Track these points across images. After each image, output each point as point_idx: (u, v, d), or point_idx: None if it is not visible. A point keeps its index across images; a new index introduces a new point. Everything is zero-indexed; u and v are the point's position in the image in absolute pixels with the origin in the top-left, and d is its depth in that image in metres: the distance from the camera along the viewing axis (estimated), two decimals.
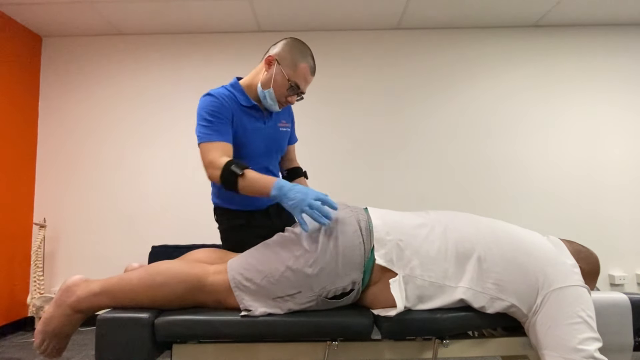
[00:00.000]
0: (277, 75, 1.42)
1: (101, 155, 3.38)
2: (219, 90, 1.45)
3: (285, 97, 1.45)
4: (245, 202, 1.53)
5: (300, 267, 1.12)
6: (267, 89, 1.44)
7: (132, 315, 1.10)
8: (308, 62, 1.43)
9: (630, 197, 3.26)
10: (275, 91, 1.43)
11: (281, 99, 1.45)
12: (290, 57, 1.41)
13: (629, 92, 3.35)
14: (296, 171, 1.72)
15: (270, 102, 1.45)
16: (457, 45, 3.42)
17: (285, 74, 1.41)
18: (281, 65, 1.41)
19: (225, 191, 1.40)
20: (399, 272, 1.12)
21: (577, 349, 1.00)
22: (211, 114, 1.38)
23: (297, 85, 1.43)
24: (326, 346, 1.13)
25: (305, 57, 1.43)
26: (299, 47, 1.43)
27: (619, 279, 3.15)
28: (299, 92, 1.45)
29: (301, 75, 1.42)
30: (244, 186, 1.24)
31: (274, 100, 1.45)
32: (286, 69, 1.41)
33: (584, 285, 1.09)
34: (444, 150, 3.34)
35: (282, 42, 1.45)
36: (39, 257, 3.04)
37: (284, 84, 1.42)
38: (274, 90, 1.43)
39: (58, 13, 3.08)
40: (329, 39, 3.43)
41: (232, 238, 1.56)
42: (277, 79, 1.42)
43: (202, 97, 1.44)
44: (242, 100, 1.46)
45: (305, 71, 1.42)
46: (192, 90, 3.41)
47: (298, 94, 1.46)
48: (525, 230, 1.22)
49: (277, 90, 1.43)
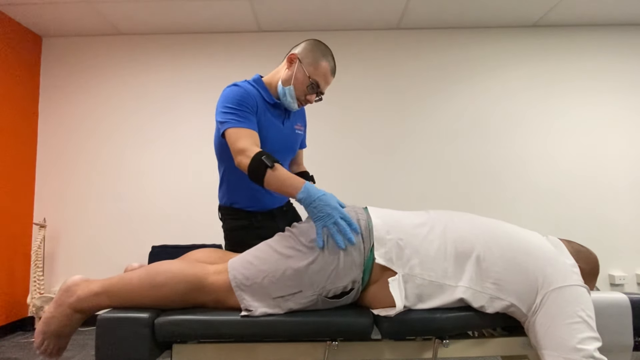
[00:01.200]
0: (298, 73, 1.43)
1: (101, 155, 3.38)
2: (243, 83, 1.46)
3: (305, 96, 1.46)
4: (250, 203, 1.53)
5: (300, 267, 1.13)
6: (287, 86, 1.45)
7: (132, 315, 1.10)
8: (329, 61, 1.45)
9: (630, 197, 3.27)
10: (296, 89, 1.44)
11: (300, 97, 1.46)
12: (312, 55, 1.43)
13: (629, 92, 3.35)
14: (303, 176, 1.71)
15: (289, 99, 1.46)
16: (457, 45, 3.42)
17: (306, 71, 1.42)
18: (302, 64, 1.43)
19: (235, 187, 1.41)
20: (398, 271, 1.12)
21: (577, 348, 1.00)
22: (238, 103, 1.38)
23: (317, 84, 1.44)
24: (326, 346, 1.13)
25: (326, 56, 1.44)
26: (321, 47, 1.45)
27: (619, 279, 3.15)
28: (318, 92, 1.46)
29: (321, 73, 1.44)
30: (270, 180, 1.22)
31: (294, 98, 1.46)
32: (307, 67, 1.42)
33: (583, 285, 1.09)
34: (444, 150, 3.35)
35: (304, 42, 1.47)
36: (39, 257, 3.04)
37: (304, 82, 1.43)
38: (294, 88, 1.44)
39: (58, 13, 3.08)
40: (329, 39, 3.43)
41: (234, 238, 1.56)
42: (298, 77, 1.43)
43: (228, 87, 1.44)
44: (266, 96, 1.48)
45: (325, 70, 1.44)
46: (192, 90, 3.41)
47: (317, 94, 1.47)
48: (525, 230, 1.22)
49: (298, 88, 1.44)
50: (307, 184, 1.20)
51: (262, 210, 1.55)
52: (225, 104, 1.38)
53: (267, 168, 1.21)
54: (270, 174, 1.21)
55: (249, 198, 1.52)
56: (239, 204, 1.53)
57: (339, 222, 1.13)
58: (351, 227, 1.15)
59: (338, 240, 1.12)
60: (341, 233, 1.13)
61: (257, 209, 1.54)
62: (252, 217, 1.53)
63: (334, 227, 1.13)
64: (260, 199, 1.51)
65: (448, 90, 3.39)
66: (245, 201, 1.53)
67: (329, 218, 1.14)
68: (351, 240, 1.13)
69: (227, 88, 1.44)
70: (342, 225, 1.13)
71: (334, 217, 1.14)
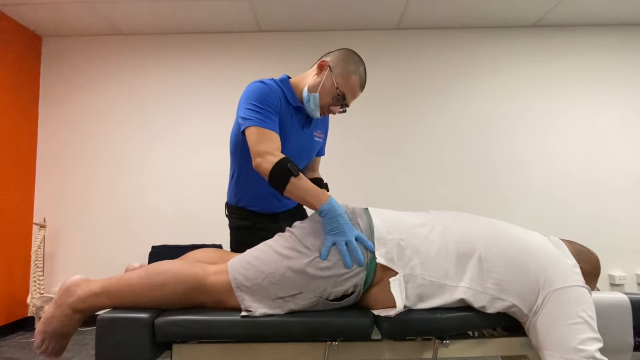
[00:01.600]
0: (326, 82, 1.39)
1: (101, 155, 3.38)
2: (269, 80, 1.41)
3: (329, 106, 1.42)
4: (256, 204, 1.52)
5: (301, 268, 1.12)
6: (313, 93, 1.41)
7: (132, 315, 1.10)
8: (360, 75, 1.40)
9: (631, 197, 3.27)
10: (321, 97, 1.41)
11: (324, 106, 1.43)
12: (344, 66, 1.39)
13: (630, 92, 3.35)
14: (317, 182, 1.68)
15: (312, 106, 1.42)
16: (457, 45, 3.42)
17: (335, 82, 1.38)
18: (333, 73, 1.39)
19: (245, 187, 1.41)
20: (399, 271, 1.12)
21: (578, 349, 1.00)
22: (262, 100, 1.34)
23: (344, 96, 1.40)
24: (326, 346, 1.13)
25: (358, 70, 1.39)
26: (354, 58, 1.40)
27: (619, 279, 3.15)
28: (343, 103, 1.42)
29: (350, 86, 1.39)
30: (293, 189, 1.20)
31: (317, 106, 1.42)
32: (337, 77, 1.38)
33: (584, 285, 1.09)
34: (444, 150, 3.34)
35: (338, 50, 1.43)
36: (39, 257, 3.04)
37: (331, 92, 1.39)
38: (319, 96, 1.41)
39: (58, 13, 3.08)
40: (329, 39, 3.43)
41: (236, 237, 1.57)
42: (325, 85, 1.39)
43: (254, 83, 1.40)
44: (290, 98, 1.44)
45: (355, 83, 1.39)
46: (191, 90, 3.41)
47: (342, 105, 1.43)
48: (526, 231, 1.22)
49: (323, 97, 1.41)
50: (332, 199, 1.19)
51: (267, 212, 1.54)
52: (250, 100, 1.34)
53: (292, 176, 1.19)
54: (294, 183, 1.20)
55: (255, 199, 1.51)
56: (245, 203, 1.53)
57: (352, 242, 1.13)
58: (365, 245, 1.14)
59: (347, 260, 1.12)
60: (351, 253, 1.12)
61: (262, 210, 1.53)
62: (255, 217, 1.53)
63: (344, 246, 1.12)
64: (267, 202, 1.51)
65: (448, 91, 3.39)
66: (251, 201, 1.52)
67: (342, 236, 1.13)
68: (360, 262, 1.12)
69: (252, 84, 1.40)
70: (353, 245, 1.13)
71: (347, 237, 1.13)
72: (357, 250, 1.12)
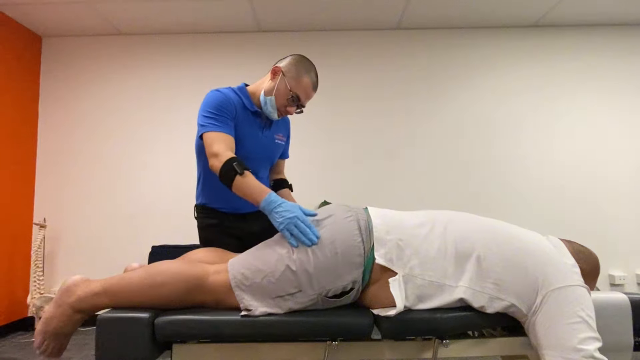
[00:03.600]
0: (280, 85, 1.49)
1: (101, 155, 3.38)
2: (226, 89, 1.52)
3: (285, 107, 1.52)
4: (223, 204, 1.58)
5: (300, 266, 1.13)
6: (269, 96, 1.51)
7: (132, 315, 1.10)
8: (311, 77, 1.50)
9: (631, 197, 3.27)
10: (277, 99, 1.50)
11: (281, 108, 1.52)
12: (295, 70, 1.49)
13: (630, 92, 3.35)
14: (282, 183, 1.77)
15: (270, 109, 1.52)
16: (457, 45, 3.42)
17: (288, 84, 1.48)
18: (285, 77, 1.49)
19: (210, 188, 1.48)
20: (398, 272, 1.12)
21: (577, 348, 1.00)
22: (217, 108, 1.44)
23: (298, 97, 1.50)
24: (326, 346, 1.13)
25: (309, 72, 1.50)
26: (304, 62, 1.51)
27: (619, 279, 3.16)
28: (298, 104, 1.52)
29: (302, 88, 1.49)
30: (238, 186, 1.27)
31: (274, 108, 1.52)
32: (290, 80, 1.48)
33: (583, 285, 1.09)
34: (444, 150, 3.35)
35: (290, 56, 1.53)
36: (39, 257, 3.04)
37: (285, 94, 1.49)
38: (275, 98, 1.50)
39: (58, 13, 3.08)
40: (329, 39, 3.43)
41: (206, 236, 1.60)
42: (279, 88, 1.49)
43: (210, 92, 1.50)
44: (247, 104, 1.54)
45: (307, 85, 1.50)
46: (191, 90, 3.41)
47: (298, 106, 1.53)
48: (525, 230, 1.22)
49: (279, 99, 1.50)
50: (270, 193, 1.24)
51: (234, 212, 1.59)
52: (206, 108, 1.45)
53: (237, 174, 1.27)
54: (239, 180, 1.27)
55: (222, 199, 1.57)
56: (213, 204, 1.59)
57: (299, 225, 1.16)
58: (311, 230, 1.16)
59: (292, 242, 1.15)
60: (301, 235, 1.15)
61: (230, 211, 1.58)
62: (224, 217, 1.58)
63: (287, 232, 1.16)
64: (233, 202, 1.54)
65: (448, 91, 3.39)
66: (218, 202, 1.58)
67: (285, 222, 1.17)
68: (312, 241, 1.14)
69: (209, 93, 1.50)
70: (302, 227, 1.15)
71: (292, 221, 1.16)
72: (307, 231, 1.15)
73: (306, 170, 3.30)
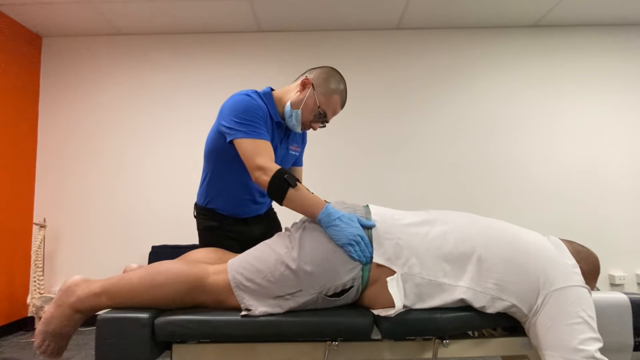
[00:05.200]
0: (309, 99, 1.42)
1: (101, 155, 3.38)
2: (253, 94, 1.43)
3: (310, 122, 1.46)
4: (227, 208, 1.55)
5: (299, 266, 1.13)
6: (295, 110, 1.44)
7: (132, 315, 1.10)
8: (341, 95, 1.44)
9: (631, 197, 3.27)
10: (303, 113, 1.44)
11: (306, 122, 1.46)
12: (326, 85, 1.42)
13: (630, 92, 3.35)
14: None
15: (294, 122, 1.45)
16: (457, 45, 3.42)
17: (318, 100, 1.41)
18: (315, 91, 1.42)
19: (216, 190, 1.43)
20: (397, 271, 1.12)
21: (578, 349, 1.00)
22: (250, 114, 1.35)
23: (325, 114, 1.43)
24: (326, 346, 1.13)
25: (339, 89, 1.43)
26: (336, 77, 1.44)
27: (619, 279, 3.15)
28: (323, 120, 1.46)
29: (332, 105, 1.43)
30: (292, 199, 1.22)
31: (299, 122, 1.45)
32: (319, 96, 1.41)
33: (584, 285, 1.09)
34: (445, 150, 3.34)
35: (320, 69, 1.45)
36: (39, 257, 3.04)
37: (313, 110, 1.43)
38: (302, 112, 1.44)
39: (58, 13, 3.08)
40: (329, 39, 3.43)
41: (205, 238, 1.58)
42: (308, 103, 1.42)
43: (238, 95, 1.41)
44: (272, 113, 1.46)
45: (336, 102, 1.43)
46: (192, 91, 3.41)
47: (322, 122, 1.47)
48: (526, 230, 1.22)
49: (305, 114, 1.44)
50: (327, 205, 1.21)
51: (236, 216, 1.56)
52: (237, 112, 1.35)
53: (290, 187, 1.22)
54: (292, 193, 1.22)
55: (226, 203, 1.54)
56: (215, 206, 1.55)
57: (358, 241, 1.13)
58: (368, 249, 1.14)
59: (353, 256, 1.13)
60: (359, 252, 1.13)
61: (231, 215, 1.56)
62: (224, 220, 1.55)
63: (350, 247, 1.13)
64: (237, 206, 1.52)
65: (448, 91, 3.39)
66: (222, 205, 1.54)
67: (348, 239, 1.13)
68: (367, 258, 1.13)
69: (238, 96, 1.40)
70: (362, 245, 1.13)
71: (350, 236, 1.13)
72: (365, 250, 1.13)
73: (305, 170, 3.29)
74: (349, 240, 1.13)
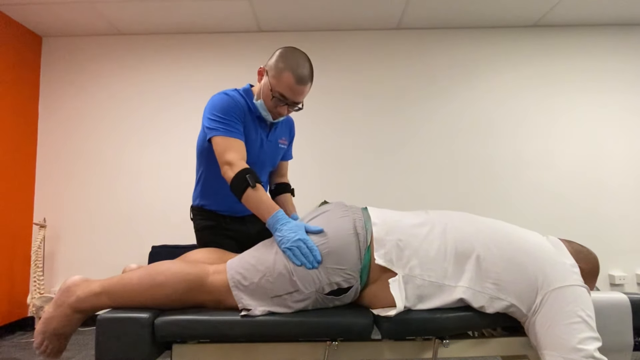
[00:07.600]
0: (264, 86, 1.41)
1: (101, 155, 3.38)
2: (232, 92, 1.46)
3: (275, 108, 1.43)
4: (222, 207, 1.56)
5: (296, 265, 1.13)
6: (259, 100, 1.44)
7: (132, 315, 1.10)
8: (294, 71, 1.34)
9: (631, 197, 3.27)
10: (265, 101, 1.43)
11: (272, 109, 1.44)
12: (276, 67, 1.37)
13: (630, 92, 3.35)
14: (284, 187, 1.73)
15: (263, 112, 1.45)
16: (457, 45, 3.42)
17: (270, 84, 1.39)
18: (268, 76, 1.40)
19: (210, 190, 1.47)
20: (398, 272, 1.12)
21: (577, 348, 1.00)
22: (226, 112, 1.38)
23: (282, 95, 1.38)
24: (326, 346, 1.13)
25: (291, 67, 1.35)
26: (287, 56, 1.37)
27: (619, 279, 3.15)
28: (289, 103, 1.40)
29: (284, 85, 1.36)
30: (248, 198, 1.26)
31: (266, 111, 1.44)
32: (271, 79, 1.38)
33: (583, 285, 1.09)
34: (445, 150, 3.34)
35: (275, 52, 1.41)
36: (39, 257, 3.04)
37: (268, 95, 1.40)
38: (264, 101, 1.43)
39: (58, 13, 3.08)
40: (329, 39, 3.43)
41: (203, 238, 1.58)
42: (264, 90, 1.41)
43: (217, 95, 1.44)
44: (253, 108, 1.47)
45: (288, 81, 1.35)
46: (192, 90, 3.41)
47: (290, 105, 1.42)
48: (525, 230, 1.22)
49: (266, 101, 1.42)
50: (278, 211, 1.23)
51: (233, 215, 1.57)
52: (214, 111, 1.39)
53: (248, 186, 1.25)
54: (250, 193, 1.26)
55: (221, 202, 1.55)
56: (211, 206, 1.56)
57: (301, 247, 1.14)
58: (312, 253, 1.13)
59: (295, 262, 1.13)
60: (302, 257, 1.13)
61: (228, 213, 1.57)
62: (221, 219, 1.56)
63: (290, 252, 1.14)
64: (232, 205, 1.52)
65: (448, 91, 3.39)
66: (217, 204, 1.56)
67: (288, 243, 1.14)
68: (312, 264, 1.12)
69: (216, 96, 1.44)
70: (304, 249, 1.13)
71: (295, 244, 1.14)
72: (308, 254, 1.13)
73: (306, 169, 3.30)
74: (289, 246, 1.14)
